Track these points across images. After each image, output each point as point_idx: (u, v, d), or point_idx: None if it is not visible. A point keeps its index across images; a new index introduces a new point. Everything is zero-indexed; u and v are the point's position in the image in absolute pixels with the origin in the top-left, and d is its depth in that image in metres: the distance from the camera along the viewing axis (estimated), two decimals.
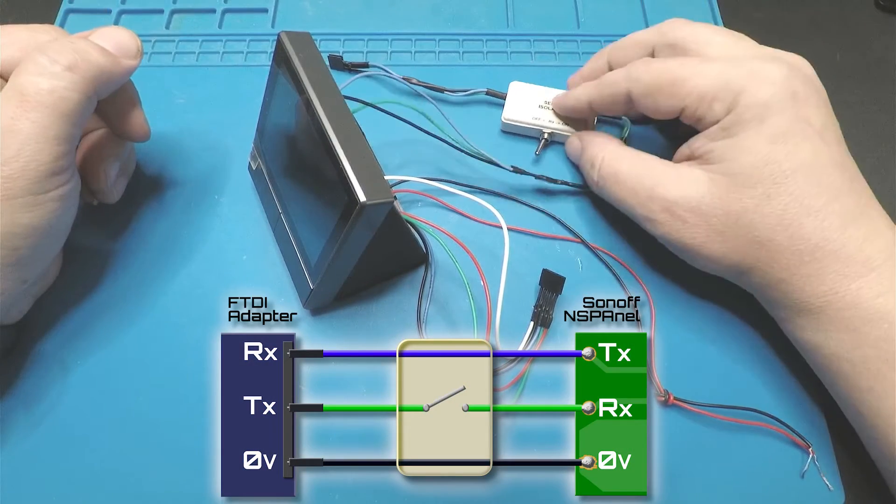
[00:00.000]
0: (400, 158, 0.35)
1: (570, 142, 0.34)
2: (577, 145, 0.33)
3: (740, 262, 0.27)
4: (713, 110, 0.27)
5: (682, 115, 0.28)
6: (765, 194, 0.25)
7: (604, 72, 0.33)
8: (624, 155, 0.30)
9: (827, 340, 0.25)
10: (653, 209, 0.28)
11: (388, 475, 0.27)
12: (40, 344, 0.30)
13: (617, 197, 0.30)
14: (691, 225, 0.27)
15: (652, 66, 0.28)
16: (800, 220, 0.25)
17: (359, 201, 0.22)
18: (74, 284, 0.31)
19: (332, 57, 0.37)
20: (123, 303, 0.31)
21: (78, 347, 0.30)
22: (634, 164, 0.29)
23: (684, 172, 0.28)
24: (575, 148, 0.33)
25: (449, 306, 0.31)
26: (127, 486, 0.28)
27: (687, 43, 0.29)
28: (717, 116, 0.27)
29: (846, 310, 0.25)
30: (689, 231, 0.27)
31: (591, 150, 0.32)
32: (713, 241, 0.27)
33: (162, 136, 0.35)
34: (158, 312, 0.31)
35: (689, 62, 0.28)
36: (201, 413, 0.28)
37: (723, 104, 0.26)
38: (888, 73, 0.40)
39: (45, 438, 0.28)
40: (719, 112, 0.26)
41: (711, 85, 0.26)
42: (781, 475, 0.28)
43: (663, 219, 0.28)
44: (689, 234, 0.27)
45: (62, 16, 0.40)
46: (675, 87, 0.27)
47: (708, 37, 0.29)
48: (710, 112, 0.27)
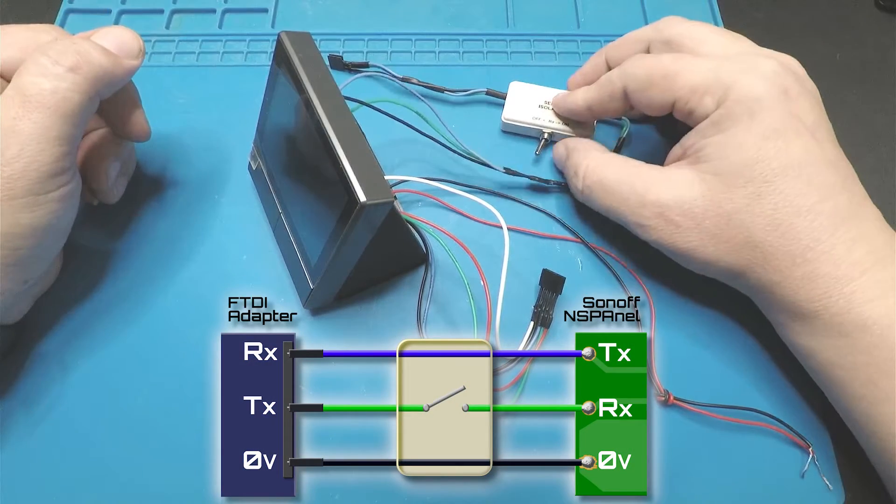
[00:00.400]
0: (400, 158, 0.35)
1: (556, 149, 0.34)
2: (562, 152, 0.33)
3: (734, 265, 0.26)
4: (704, 104, 0.26)
5: (674, 109, 0.28)
6: (755, 193, 0.25)
7: (603, 70, 0.33)
8: (609, 162, 0.30)
9: (821, 346, 0.25)
10: (644, 215, 0.27)
11: (388, 475, 0.27)
12: (40, 344, 0.30)
13: (605, 205, 0.29)
14: (684, 229, 0.27)
15: (645, 60, 0.28)
16: (790, 220, 0.25)
17: (359, 201, 0.22)
18: (75, 284, 0.31)
19: (332, 57, 0.37)
20: (123, 303, 0.31)
21: (78, 347, 0.30)
22: (621, 170, 0.29)
23: (674, 175, 0.27)
24: (560, 155, 0.33)
25: (449, 306, 0.31)
26: (127, 486, 0.28)
27: (682, 39, 0.29)
28: (708, 110, 0.26)
29: (839, 315, 0.24)
30: (683, 235, 0.27)
31: (574, 159, 0.31)
32: (707, 244, 0.26)
33: (162, 136, 0.35)
34: (158, 312, 0.31)
35: (683, 57, 0.27)
36: (201, 413, 0.28)
37: (713, 98, 0.26)
38: (888, 73, 0.40)
39: (45, 438, 0.28)
40: (710, 106, 0.26)
41: (703, 78, 0.26)
42: (781, 475, 0.28)
43: (656, 224, 0.27)
44: (683, 238, 0.27)
45: (62, 16, 0.40)
46: (667, 81, 0.27)
47: (703, 35, 0.29)
48: (701, 105, 0.27)
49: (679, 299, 0.31)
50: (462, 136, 0.33)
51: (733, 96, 0.26)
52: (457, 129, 0.33)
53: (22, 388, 0.29)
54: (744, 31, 0.29)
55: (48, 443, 0.28)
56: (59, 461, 0.28)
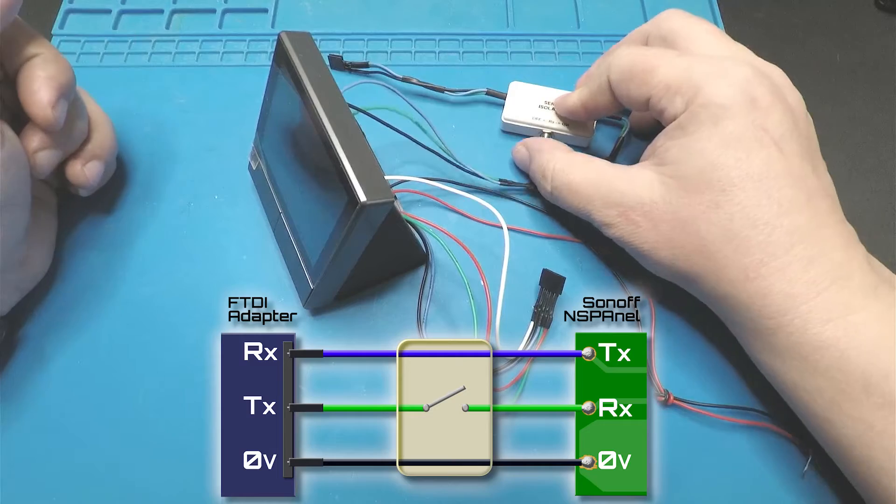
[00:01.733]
0: (400, 158, 0.35)
1: (517, 150, 0.34)
2: (523, 154, 0.33)
3: (688, 271, 0.26)
4: (674, 104, 0.26)
5: (649, 105, 0.27)
6: (713, 202, 0.24)
7: None
8: (574, 162, 0.30)
9: (783, 366, 0.24)
10: (609, 214, 0.27)
11: (388, 475, 0.27)
12: (39, 345, 0.30)
13: (573, 206, 0.29)
14: (644, 229, 0.26)
15: (631, 51, 0.28)
16: (745, 233, 0.24)
17: (359, 201, 0.22)
18: (73, 285, 0.31)
19: (332, 57, 0.37)
20: (123, 303, 0.31)
21: (77, 347, 0.30)
22: (587, 172, 0.29)
23: (636, 175, 0.27)
24: (522, 157, 0.33)
25: (449, 306, 0.31)
26: (126, 486, 0.28)
27: (676, 36, 0.28)
28: (678, 111, 0.26)
29: (796, 335, 0.23)
30: (641, 235, 0.27)
31: (539, 161, 0.31)
32: (662, 247, 0.26)
33: (162, 136, 0.35)
34: (158, 312, 0.31)
35: (666, 53, 0.27)
36: (201, 413, 0.28)
37: (683, 98, 0.26)
38: (888, 73, 0.40)
39: (44, 439, 0.28)
40: (679, 106, 0.26)
41: (677, 77, 0.26)
42: (781, 475, 0.28)
43: (618, 223, 0.27)
44: (641, 238, 0.27)
45: (62, 16, 0.40)
46: (645, 75, 0.27)
47: (698, 33, 0.28)
48: (672, 105, 0.26)
49: (679, 299, 0.31)
50: (462, 136, 0.33)
51: (700, 100, 0.25)
52: (457, 130, 0.33)
53: (21, 390, 0.29)
54: (744, 31, 0.29)
55: (47, 443, 0.28)
56: (58, 462, 0.28)
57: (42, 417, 0.29)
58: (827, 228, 0.24)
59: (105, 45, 0.39)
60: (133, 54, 0.39)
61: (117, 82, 0.37)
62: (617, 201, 0.27)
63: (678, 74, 0.26)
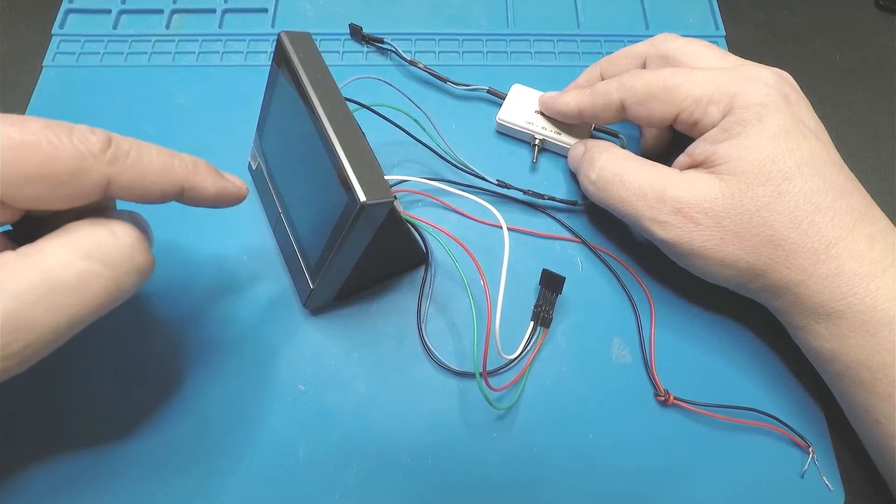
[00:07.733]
0: (400, 158, 0.35)
1: (575, 147, 0.33)
2: (580, 150, 0.33)
3: (755, 264, 0.26)
4: (709, 113, 0.27)
5: (677, 120, 0.28)
6: (776, 191, 0.25)
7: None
8: (630, 156, 0.30)
9: (845, 348, 0.25)
10: (663, 210, 0.27)
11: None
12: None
13: (620, 197, 0.29)
14: (704, 227, 0.26)
15: (644, 75, 0.29)
16: (811, 217, 0.25)
17: (359, 201, 0.22)
18: None
19: (352, 26, 0.38)
20: (122, 304, 0.31)
21: (76, 348, 0.30)
22: (641, 166, 0.29)
23: (693, 176, 0.27)
24: (577, 153, 0.33)
25: (449, 306, 0.31)
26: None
27: (677, 55, 0.30)
28: (714, 119, 0.27)
29: (865, 313, 0.24)
30: (701, 233, 0.26)
31: (592, 152, 0.31)
32: (727, 243, 0.26)
33: (162, 136, 0.35)
34: (158, 312, 0.31)
35: (681, 71, 0.28)
36: (201, 413, 0.28)
37: (718, 107, 0.27)
38: (888, 73, 0.40)
39: (43, 439, 0.28)
40: (715, 115, 0.27)
41: (705, 89, 0.27)
42: (781, 475, 0.28)
43: (673, 220, 0.27)
44: (702, 236, 0.26)
45: (62, 16, 0.40)
46: (668, 94, 0.28)
47: (698, 50, 0.30)
48: (706, 115, 0.27)
49: (679, 299, 0.31)
50: (460, 133, 0.33)
51: (740, 103, 0.26)
52: (457, 130, 0.33)
53: (21, 393, 0.29)
54: (744, 32, 0.29)
55: (46, 444, 0.28)
56: (57, 462, 0.28)
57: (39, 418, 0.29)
58: (875, 209, 0.26)
59: (105, 45, 0.39)
60: (133, 54, 0.39)
61: (117, 82, 0.37)
62: (673, 197, 0.27)
63: (705, 86, 0.27)
